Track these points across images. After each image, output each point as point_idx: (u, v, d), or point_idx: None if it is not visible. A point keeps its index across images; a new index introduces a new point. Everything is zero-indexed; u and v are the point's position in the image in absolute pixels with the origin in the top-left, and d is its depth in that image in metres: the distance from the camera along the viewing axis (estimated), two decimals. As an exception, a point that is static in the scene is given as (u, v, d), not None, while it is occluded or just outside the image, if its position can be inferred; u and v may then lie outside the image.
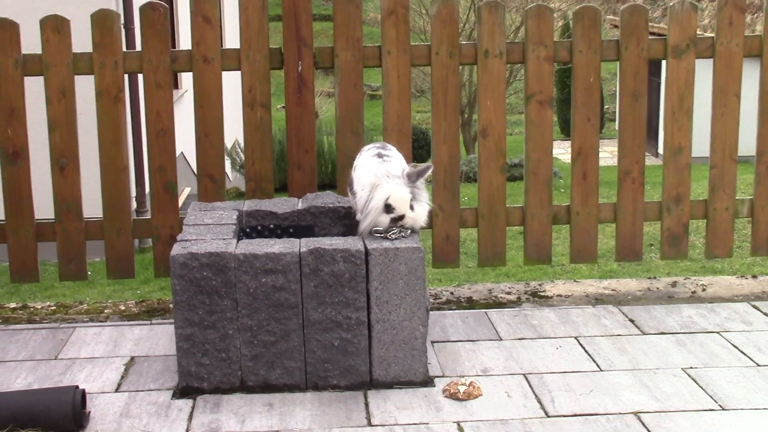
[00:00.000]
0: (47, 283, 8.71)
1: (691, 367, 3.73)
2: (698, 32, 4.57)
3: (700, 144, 4.83)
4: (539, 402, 3.45)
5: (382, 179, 3.57)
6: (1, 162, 4.44)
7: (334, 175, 4.98)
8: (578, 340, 4.03)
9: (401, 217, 3.56)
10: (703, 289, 4.73)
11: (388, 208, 3.55)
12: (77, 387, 3.36)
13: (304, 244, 3.53)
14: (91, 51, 4.38)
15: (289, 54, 4.43)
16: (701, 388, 3.55)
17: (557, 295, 4.70)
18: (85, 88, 4.58)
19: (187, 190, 13.09)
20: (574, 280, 5.00)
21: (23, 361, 3.91)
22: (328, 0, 31.34)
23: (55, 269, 4.77)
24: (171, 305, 4.58)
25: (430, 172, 3.66)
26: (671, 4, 4.56)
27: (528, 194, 4.60)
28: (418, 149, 17.60)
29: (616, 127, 4.76)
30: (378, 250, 3.50)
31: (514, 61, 4.58)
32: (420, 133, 19.04)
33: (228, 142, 5.34)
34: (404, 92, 4.50)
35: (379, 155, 3.74)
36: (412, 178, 3.60)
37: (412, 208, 3.58)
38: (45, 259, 4.59)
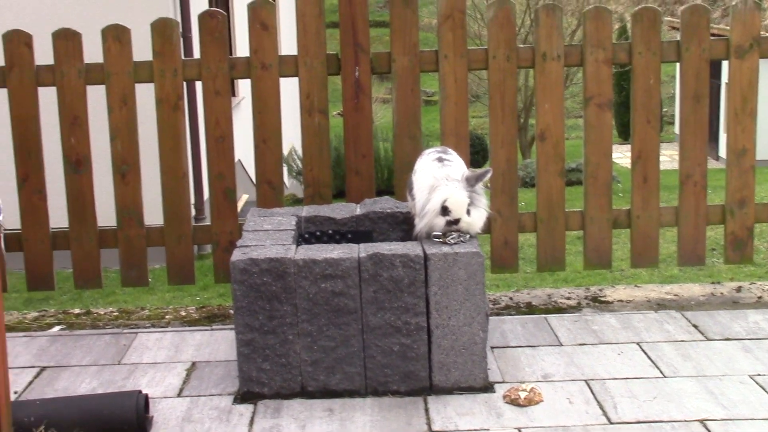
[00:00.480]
0: (109, 289, 8.83)
1: (759, 374, 3.65)
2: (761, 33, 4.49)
3: (764, 146, 4.74)
4: (602, 408, 3.41)
5: (441, 182, 3.57)
6: (65, 170, 4.51)
7: (391, 181, 4.98)
8: (640, 346, 3.97)
9: (457, 221, 3.55)
10: (769, 294, 4.64)
11: (444, 210, 3.54)
12: (140, 392, 3.40)
13: (363, 250, 3.53)
14: (151, 59, 4.44)
15: (347, 60, 4.44)
16: (769, 394, 3.47)
17: (618, 300, 4.63)
18: (144, 96, 4.64)
19: (244, 197, 13.19)
20: (636, 285, 4.93)
21: (87, 365, 3.97)
22: (383, 6, 31.44)
23: (117, 276, 4.84)
24: (231, 311, 4.62)
25: (489, 176, 3.65)
26: (733, 3, 4.48)
27: (587, 198, 4.55)
28: (474, 154, 17.51)
29: (676, 131, 4.69)
30: (437, 255, 3.49)
31: (572, 64, 4.54)
32: (476, 138, 18.98)
33: (285, 149, 5.37)
34: (461, 96, 4.48)
35: (440, 159, 3.74)
36: (471, 182, 3.58)
37: (468, 212, 3.57)
38: (106, 266, 4.66)
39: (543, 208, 4.55)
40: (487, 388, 3.58)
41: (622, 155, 18.37)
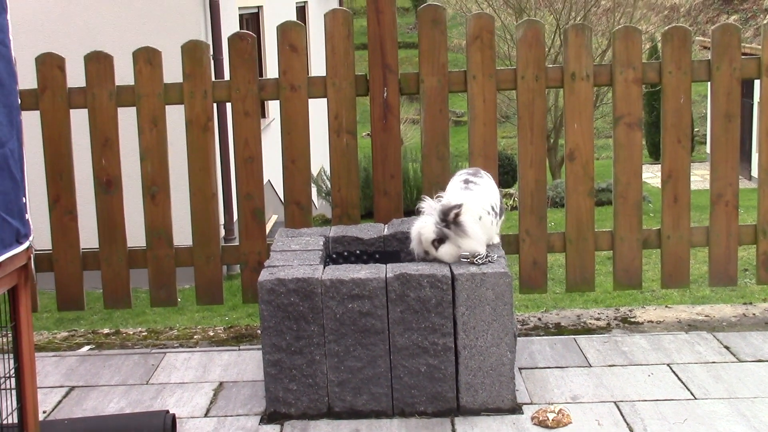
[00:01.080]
0: (138, 309, 8.89)
1: (792, 396, 3.60)
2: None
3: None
4: (631, 430, 3.37)
5: (427, 211, 3.67)
6: (96, 191, 4.55)
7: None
8: (671, 367, 3.93)
9: (427, 253, 3.64)
10: (803, 315, 4.57)
11: (418, 241, 3.66)
12: (168, 411, 3.41)
13: (390, 270, 3.53)
14: (181, 81, 4.48)
15: (375, 80, 4.45)
16: (802, 417, 3.41)
17: (648, 321, 4.59)
18: (174, 117, 4.68)
19: (274, 218, 13.25)
20: (666, 306, 4.88)
21: (116, 385, 3.98)
22: (413, 28, 31.55)
23: (146, 296, 4.86)
24: (258, 331, 4.62)
25: (456, 211, 3.57)
26: (765, 22, 4.45)
27: (617, 218, 4.52)
28: (503, 174, 17.49)
29: (707, 150, 4.66)
30: (465, 275, 3.48)
31: (602, 84, 4.52)
32: (506, 158, 18.93)
33: (314, 170, 5.40)
34: (490, 117, 4.48)
35: (466, 181, 3.76)
36: (440, 217, 3.60)
37: (435, 246, 3.59)
38: (136, 287, 4.69)
39: (572, 228, 4.52)
40: (515, 409, 3.55)
41: (652, 175, 18.24)
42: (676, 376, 3.84)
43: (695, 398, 3.62)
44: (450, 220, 3.58)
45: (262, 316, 3.52)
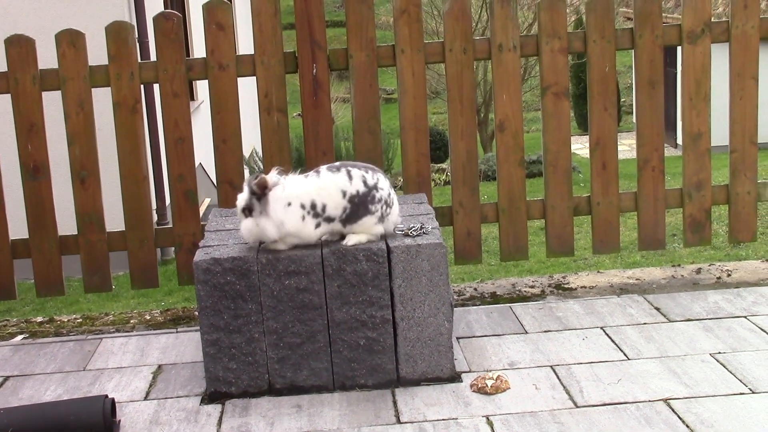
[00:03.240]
0: (72, 298, 8.77)
1: (720, 353, 3.71)
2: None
3: (720, 132, 4.81)
4: (568, 393, 3.44)
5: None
6: (23, 178, 4.47)
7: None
8: (604, 330, 4.01)
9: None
10: (729, 275, 4.70)
11: None
12: (107, 396, 3.38)
13: (326, 245, 3.53)
14: (106, 63, 4.41)
15: (304, 57, 4.44)
16: (730, 372, 3.52)
17: (581, 287, 4.68)
18: (101, 100, 4.61)
19: (207, 201, 13.14)
20: (598, 271, 4.98)
21: (52, 373, 3.93)
22: (340, 6, 31.41)
23: (79, 284, 4.80)
24: (196, 313, 4.60)
25: (257, 182, 3.40)
26: (684, -11, 4.54)
27: (548, 186, 4.59)
28: (435, 150, 17.60)
29: (634, 119, 4.75)
30: (400, 247, 3.50)
31: (528, 54, 4.57)
32: (437, 134, 19.03)
33: (245, 151, 5.36)
34: (419, 90, 4.50)
35: (317, 170, 3.54)
36: (248, 185, 3.46)
37: (245, 215, 3.46)
38: (68, 275, 4.62)
39: (504, 198, 4.58)
40: (454, 378, 3.60)
41: (582, 146, 18.51)
42: (610, 338, 3.92)
43: (628, 359, 3.70)
44: (254, 189, 3.43)
45: (198, 296, 3.50)
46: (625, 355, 3.75)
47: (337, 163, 3.56)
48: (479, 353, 3.84)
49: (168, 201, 10.47)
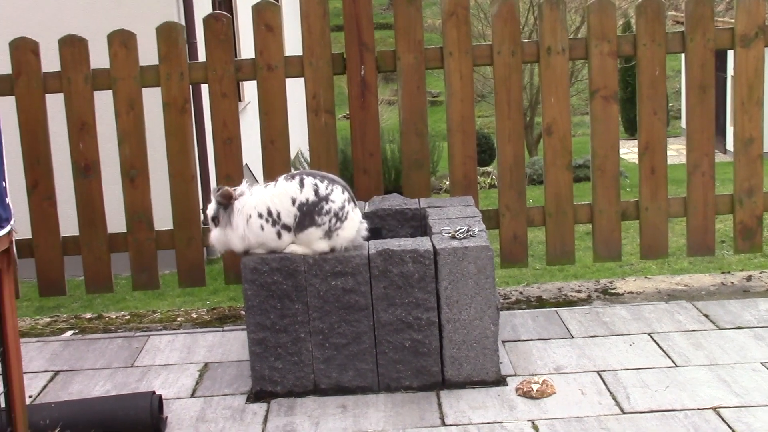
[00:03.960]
0: (119, 296, 8.85)
1: (771, 361, 3.66)
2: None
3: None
4: (614, 399, 3.41)
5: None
6: (74, 176, 4.53)
7: (398, 182, 4.99)
8: (652, 337, 3.97)
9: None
10: (780, 283, 4.63)
11: None
12: (154, 392, 3.42)
13: (373, 246, 3.54)
14: (157, 63, 4.46)
15: (352, 58, 4.45)
16: (782, 381, 3.47)
17: (628, 292, 4.64)
18: (151, 100, 4.66)
19: (252, 202, 13.18)
20: (646, 277, 4.94)
21: (101, 369, 3.99)
22: (386, 8, 31.44)
23: (127, 282, 4.85)
24: (242, 312, 4.63)
25: (221, 193, 3.51)
26: (737, -7, 4.48)
27: (595, 191, 4.56)
28: (480, 153, 17.55)
29: (682, 125, 4.71)
30: (447, 249, 3.50)
31: (577, 58, 4.54)
32: (482, 137, 18.98)
33: (291, 152, 5.38)
34: (467, 93, 4.49)
35: (275, 180, 3.56)
36: (214, 195, 3.59)
37: (215, 224, 3.58)
38: (116, 273, 4.67)
39: (551, 202, 4.55)
40: (500, 381, 3.58)
41: (628, 150, 18.35)
42: (657, 344, 3.88)
43: (676, 366, 3.66)
44: (219, 200, 3.53)
45: (245, 295, 3.52)
46: (673, 361, 3.70)
47: (297, 172, 3.56)
48: (525, 357, 3.83)
49: (214, 201, 10.56)
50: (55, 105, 4.53)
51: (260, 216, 3.45)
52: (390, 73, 4.63)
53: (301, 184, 3.45)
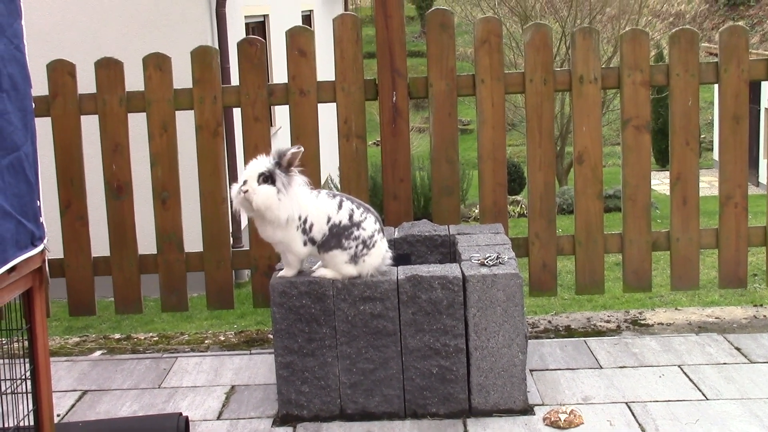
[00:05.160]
0: (146, 317, 8.90)
1: (803, 396, 3.60)
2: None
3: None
4: (643, 430, 3.37)
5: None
6: (107, 197, 4.57)
7: (426, 209, 4.99)
8: (682, 369, 3.93)
9: (245, 182, 3.37)
10: (813, 317, 4.57)
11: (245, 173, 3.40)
12: (181, 414, 3.42)
13: (402, 272, 3.54)
14: (190, 87, 4.50)
15: (384, 84, 4.47)
16: (815, 417, 3.41)
17: (658, 323, 4.59)
18: (183, 123, 4.70)
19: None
20: (676, 308, 4.89)
21: (129, 389, 4.00)
22: (418, 36, 31.56)
23: (154, 304, 4.86)
24: (269, 335, 4.64)
25: (293, 154, 3.36)
26: (771, 24, 4.46)
27: (626, 220, 4.53)
28: (510, 182, 17.50)
29: (714, 156, 4.68)
30: (476, 276, 3.48)
31: (610, 87, 4.53)
32: (512, 165, 18.94)
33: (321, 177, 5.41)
34: (498, 120, 4.49)
35: (318, 191, 3.56)
36: (276, 155, 3.39)
37: (259, 182, 3.34)
38: (144, 295, 4.69)
39: (581, 231, 4.53)
40: (527, 410, 3.55)
41: (659, 182, 18.24)
42: (688, 377, 3.84)
43: (707, 399, 3.62)
44: (283, 162, 3.35)
45: (274, 318, 3.53)
46: (703, 395, 3.66)
47: (338, 193, 3.55)
48: (552, 386, 3.79)
49: (243, 224, 10.60)
50: (89, 126, 4.58)
51: (299, 218, 3.42)
52: (421, 100, 4.64)
53: (339, 206, 3.46)
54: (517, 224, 13.69)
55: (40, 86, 4.52)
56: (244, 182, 3.36)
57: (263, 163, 3.36)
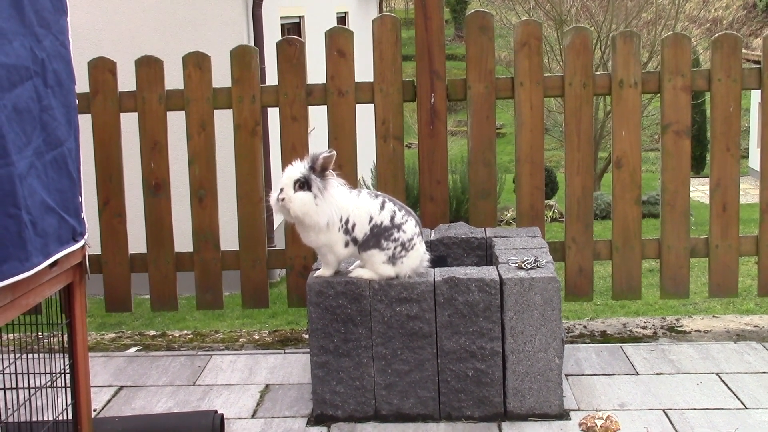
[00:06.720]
0: (179, 315, 8.96)
1: None
2: None
3: None
4: (681, 439, 3.34)
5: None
6: (144, 194, 4.60)
7: (460, 212, 4.98)
8: (720, 377, 3.88)
9: (281, 190, 3.36)
10: None
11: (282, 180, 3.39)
12: (216, 411, 3.43)
13: (438, 274, 3.53)
14: (229, 86, 4.52)
15: (422, 86, 4.46)
16: None
17: (695, 331, 4.55)
18: (221, 121, 4.72)
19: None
20: (714, 316, 4.83)
21: (164, 386, 4.02)
22: (453, 39, 31.54)
23: (188, 302, 4.88)
24: (303, 335, 4.65)
25: (325, 158, 3.32)
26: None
27: (664, 226, 4.49)
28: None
29: (750, 164, 4.62)
30: (513, 279, 3.47)
31: (650, 91, 4.49)
32: (545, 170, 18.84)
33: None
34: (537, 123, 4.47)
35: (358, 190, 3.53)
36: (310, 160, 3.35)
37: (295, 188, 3.32)
38: (178, 293, 4.71)
39: (618, 236, 4.50)
40: (563, 415, 3.53)
41: (694, 189, 18.07)
42: (726, 385, 3.80)
43: (746, 408, 3.57)
44: (317, 167, 3.32)
45: (310, 318, 3.53)
46: (742, 403, 3.61)
47: (380, 193, 3.53)
48: (588, 392, 3.77)
49: (276, 224, 10.64)
50: (128, 124, 4.62)
51: (340, 219, 3.40)
52: (458, 102, 4.63)
53: (382, 207, 3.45)
54: (550, 228, 13.62)
55: (80, 83, 4.57)
56: (281, 190, 3.36)
57: (298, 169, 3.35)
